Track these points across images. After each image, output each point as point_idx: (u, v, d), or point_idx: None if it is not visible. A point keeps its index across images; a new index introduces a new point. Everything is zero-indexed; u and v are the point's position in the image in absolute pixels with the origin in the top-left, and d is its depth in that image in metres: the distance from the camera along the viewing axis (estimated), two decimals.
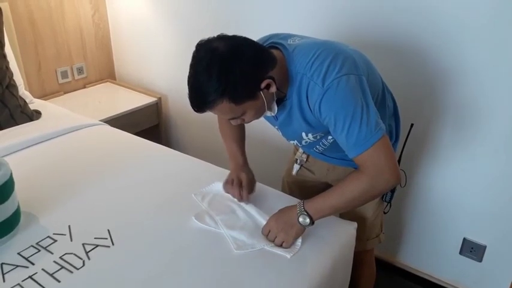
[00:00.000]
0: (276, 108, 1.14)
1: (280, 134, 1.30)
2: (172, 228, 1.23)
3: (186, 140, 2.57)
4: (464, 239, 1.75)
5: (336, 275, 1.21)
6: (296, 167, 1.47)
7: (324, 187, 1.47)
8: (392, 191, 1.35)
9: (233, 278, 1.07)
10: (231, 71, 0.98)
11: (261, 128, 1.25)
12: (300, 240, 1.18)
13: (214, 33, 1.05)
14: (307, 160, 1.45)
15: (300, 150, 1.44)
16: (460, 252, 1.78)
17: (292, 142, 1.31)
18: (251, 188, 1.37)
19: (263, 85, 1.03)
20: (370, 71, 1.17)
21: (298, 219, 1.14)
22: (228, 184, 1.37)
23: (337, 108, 1.03)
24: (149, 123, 2.46)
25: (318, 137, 1.22)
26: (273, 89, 1.05)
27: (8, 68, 1.84)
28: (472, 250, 1.75)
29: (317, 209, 1.13)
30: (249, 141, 1.45)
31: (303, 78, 1.07)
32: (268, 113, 1.15)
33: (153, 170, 1.53)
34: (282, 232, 1.16)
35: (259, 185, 1.45)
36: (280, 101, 1.14)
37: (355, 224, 1.30)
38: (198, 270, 1.09)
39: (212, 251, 1.16)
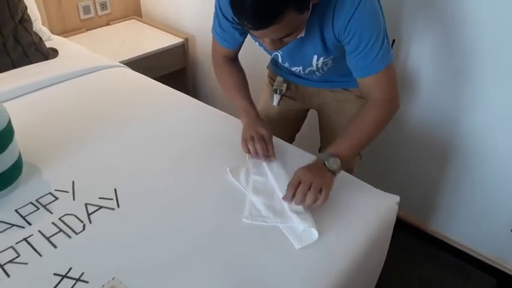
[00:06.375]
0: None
1: (279, 60, 1.23)
2: (184, 192, 1.09)
3: (215, 85, 2.38)
4: None
5: (371, 257, 1.03)
6: (276, 97, 1.41)
7: (306, 114, 1.50)
8: None
9: (250, 252, 0.93)
10: None
11: None
12: (316, 232, 0.96)
13: None
14: (288, 89, 1.39)
15: (279, 79, 1.39)
16: None
17: (295, 69, 1.24)
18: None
19: None
20: None
21: (326, 165, 1.01)
22: (249, 141, 1.17)
23: (364, 28, 1.01)
24: (175, 67, 2.28)
25: (326, 63, 1.17)
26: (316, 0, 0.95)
27: (20, 0, 1.67)
28: None
29: (340, 148, 1.06)
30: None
31: None
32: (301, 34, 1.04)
33: (172, 121, 1.37)
34: (316, 177, 0.97)
35: None
36: None
37: (397, 198, 1.12)
38: (212, 239, 0.95)
39: (231, 219, 1.01)
